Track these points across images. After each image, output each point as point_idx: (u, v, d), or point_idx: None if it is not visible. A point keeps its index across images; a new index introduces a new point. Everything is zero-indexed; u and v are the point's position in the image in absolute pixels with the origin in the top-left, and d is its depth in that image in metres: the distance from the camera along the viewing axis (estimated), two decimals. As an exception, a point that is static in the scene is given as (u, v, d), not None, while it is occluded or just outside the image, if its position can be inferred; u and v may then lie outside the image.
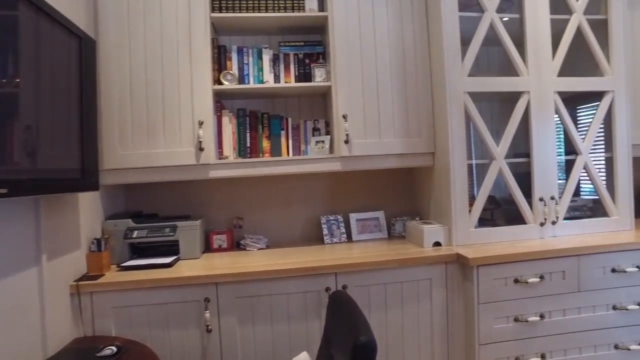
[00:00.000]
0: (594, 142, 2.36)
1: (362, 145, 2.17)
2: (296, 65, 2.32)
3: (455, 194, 2.06)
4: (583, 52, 2.34)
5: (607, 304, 2.02)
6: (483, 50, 2.61)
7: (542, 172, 2.17)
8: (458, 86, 2.08)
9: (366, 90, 2.19)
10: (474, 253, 1.90)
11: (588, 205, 2.40)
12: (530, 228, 2.16)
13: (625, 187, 2.29)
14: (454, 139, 2.07)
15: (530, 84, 2.16)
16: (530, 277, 1.92)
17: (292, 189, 2.50)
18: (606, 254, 2.01)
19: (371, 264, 1.88)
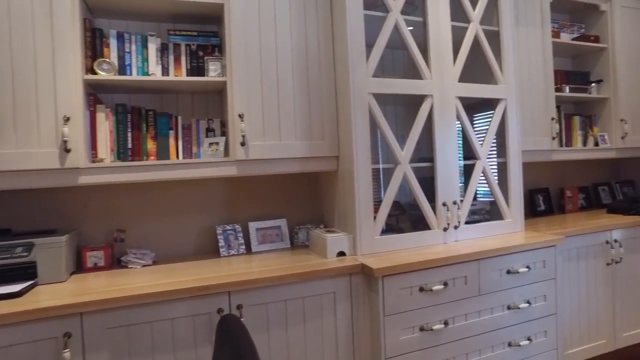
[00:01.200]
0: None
1: (260, 147, 1.98)
2: (188, 58, 2.06)
3: (360, 200, 1.96)
4: (480, 61, 2.40)
5: (502, 304, 2.06)
6: (389, 53, 2.58)
7: (445, 176, 2.16)
8: (362, 87, 1.99)
9: (266, 88, 2.01)
10: (378, 263, 1.81)
11: (486, 209, 2.46)
12: (434, 233, 2.14)
13: (516, 191, 2.39)
14: (358, 142, 1.96)
15: (434, 87, 2.14)
16: (435, 285, 1.88)
17: (183, 196, 2.22)
18: (503, 257, 2.06)
19: (269, 280, 1.68)
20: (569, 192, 3.14)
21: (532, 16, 2.71)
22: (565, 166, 3.33)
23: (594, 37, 3.06)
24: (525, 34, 2.68)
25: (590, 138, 3.06)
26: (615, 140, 3.03)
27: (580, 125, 3.07)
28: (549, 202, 3.10)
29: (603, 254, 2.57)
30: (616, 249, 2.60)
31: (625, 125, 3.04)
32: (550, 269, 2.21)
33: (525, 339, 2.12)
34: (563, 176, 3.31)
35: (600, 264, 2.56)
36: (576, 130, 3.04)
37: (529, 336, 2.13)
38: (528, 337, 2.13)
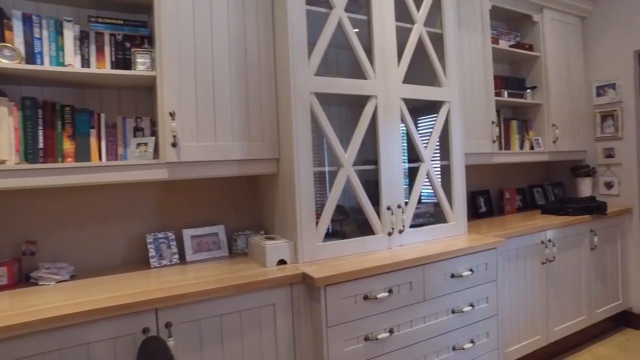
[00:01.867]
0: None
1: (193, 149, 1.82)
2: (113, 49, 1.85)
3: (301, 205, 1.86)
4: (424, 63, 2.38)
5: (447, 309, 2.04)
6: (333, 52, 2.50)
7: (389, 180, 2.11)
8: (304, 86, 1.88)
9: (200, 85, 1.85)
10: (321, 271, 1.71)
11: (430, 212, 2.45)
12: (378, 238, 2.08)
13: (459, 194, 2.40)
14: (299, 143, 1.86)
15: (378, 88, 2.09)
16: (380, 292, 1.82)
17: (108, 201, 2.00)
18: (447, 261, 2.04)
19: (202, 294, 1.53)
20: (508, 193, 3.24)
21: (473, 21, 2.75)
22: (504, 169, 3.43)
23: (528, 46, 3.18)
24: (467, 39, 2.71)
25: (526, 142, 3.17)
26: (548, 144, 3.16)
27: (518, 129, 3.17)
28: (489, 203, 3.17)
29: (538, 253, 2.64)
30: (550, 248, 2.69)
31: (556, 130, 3.18)
32: (492, 271, 2.23)
33: (469, 342, 2.12)
34: (502, 178, 3.41)
35: (536, 263, 2.63)
36: (514, 134, 3.13)
37: (472, 338, 2.13)
38: (471, 340, 2.13)
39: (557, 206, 2.98)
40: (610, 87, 3.32)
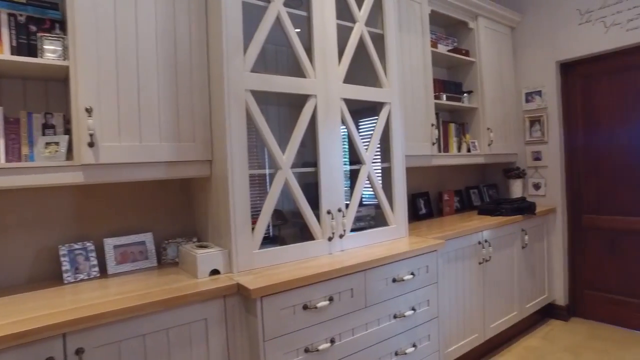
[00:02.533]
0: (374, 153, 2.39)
1: (114, 149, 1.63)
2: (14, 31, 1.61)
3: (235, 210, 1.73)
4: (365, 63, 2.34)
5: (389, 314, 2.00)
6: (272, 50, 2.39)
7: (329, 182, 2.03)
8: (239, 82, 1.76)
9: (123, 78, 1.66)
10: (257, 281, 1.59)
11: (371, 215, 2.41)
12: (318, 244, 2.00)
13: (400, 197, 2.38)
14: (232, 144, 1.73)
15: (318, 87, 2.01)
16: (320, 301, 1.73)
17: (10, 209, 1.74)
18: (389, 265, 2.00)
19: (121, 312, 1.36)
20: (446, 195, 3.30)
21: (413, 25, 2.76)
22: (443, 171, 3.50)
23: (465, 51, 3.26)
24: (408, 42, 2.71)
25: (463, 144, 3.25)
26: (483, 147, 3.26)
27: (456, 132, 3.24)
28: (429, 205, 3.21)
29: (476, 254, 2.70)
30: (486, 248, 2.76)
31: (490, 133, 3.29)
32: (433, 274, 2.22)
33: (411, 346, 2.10)
34: (441, 180, 3.48)
35: (474, 264, 2.69)
36: (452, 137, 3.19)
37: (414, 342, 2.11)
38: (413, 344, 2.11)
39: (492, 207, 3.08)
40: (537, 94, 3.50)
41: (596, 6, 3.19)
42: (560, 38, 3.38)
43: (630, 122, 3.15)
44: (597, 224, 3.35)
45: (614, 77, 3.22)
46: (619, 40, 3.09)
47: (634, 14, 3.02)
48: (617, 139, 3.22)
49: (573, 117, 3.44)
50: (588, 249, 3.41)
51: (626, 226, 3.19)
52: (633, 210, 3.17)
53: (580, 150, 3.42)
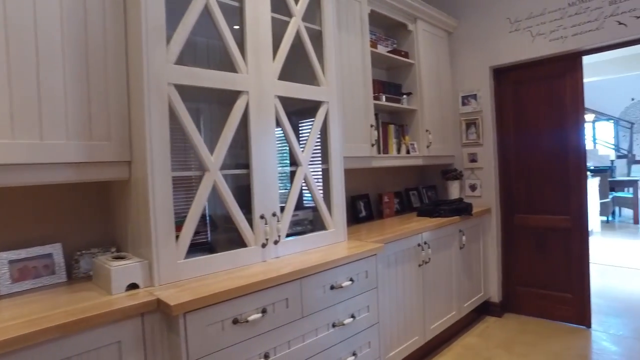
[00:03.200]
0: (313, 154, 2.29)
1: (6, 148, 1.39)
2: None
3: (156, 216, 1.55)
4: (302, 61, 2.24)
5: (327, 323, 1.91)
6: (204, 44, 2.22)
7: (263, 185, 1.91)
8: (161, 75, 1.58)
9: (16, 62, 1.42)
10: (180, 295, 1.43)
11: (309, 219, 2.31)
12: (251, 251, 1.86)
13: (338, 199, 2.30)
14: (153, 142, 1.55)
15: (250, 83, 1.87)
16: (252, 314, 1.60)
17: None
18: (326, 272, 1.90)
19: (8, 344, 1.14)
20: (387, 197, 3.28)
21: (353, 24, 2.71)
22: (383, 172, 3.49)
23: (404, 53, 3.27)
24: (347, 40, 2.65)
25: (403, 146, 3.25)
26: (422, 149, 3.28)
27: (395, 133, 3.23)
28: (369, 207, 3.17)
29: (415, 256, 2.69)
30: (426, 250, 2.76)
31: (429, 135, 3.32)
32: (372, 279, 2.16)
33: (351, 355, 2.02)
34: (381, 182, 3.46)
35: (413, 266, 2.67)
36: (392, 138, 3.18)
37: (354, 351, 2.04)
38: (353, 352, 2.03)
39: (431, 208, 3.10)
40: (473, 97, 3.60)
41: (524, 16, 3.33)
42: (493, 44, 3.49)
43: (553, 126, 3.31)
44: (527, 223, 3.49)
45: (540, 83, 3.37)
46: (543, 50, 3.24)
47: (555, 25, 3.18)
48: (543, 142, 3.38)
49: (505, 121, 3.57)
50: (520, 247, 3.55)
51: (551, 224, 3.35)
52: (557, 209, 3.33)
53: (512, 153, 3.55)
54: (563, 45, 3.15)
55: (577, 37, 3.09)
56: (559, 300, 3.36)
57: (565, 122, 3.26)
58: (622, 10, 2.92)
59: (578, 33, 3.09)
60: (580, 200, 3.23)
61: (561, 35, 3.16)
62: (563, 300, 3.35)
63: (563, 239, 3.32)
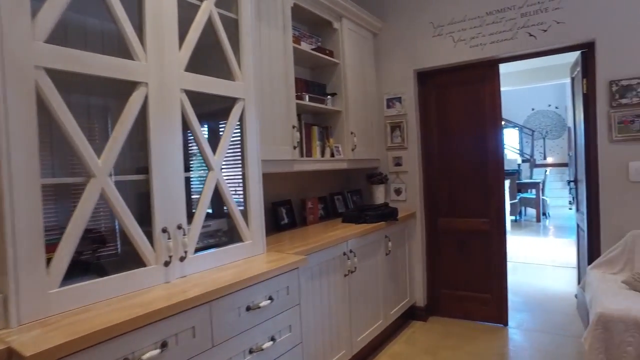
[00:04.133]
0: (233, 157, 2.05)
1: None
2: None
3: (15, 237, 1.21)
4: (217, 52, 1.98)
5: (244, 349, 1.67)
6: (97, 26, 1.87)
7: (165, 193, 1.62)
8: (24, 55, 1.25)
9: None
10: (46, 339, 1.11)
11: (224, 229, 2.05)
12: (151, 271, 1.57)
13: (256, 207, 2.07)
14: (11, 142, 1.21)
15: (150, 73, 1.58)
16: (148, 351, 1.31)
17: None
18: (241, 292, 1.66)
19: None
20: (310, 203, 3.11)
21: (274, 16, 2.50)
22: (306, 176, 3.32)
23: (329, 51, 3.13)
24: (268, 34, 2.44)
25: (327, 149, 3.10)
26: (347, 152, 3.16)
27: (319, 135, 3.07)
28: (292, 214, 2.98)
29: (341, 265, 2.54)
30: (352, 259, 2.63)
31: (354, 138, 3.21)
32: (294, 295, 1.96)
33: (270, 382, 1.80)
34: (304, 187, 3.28)
35: (339, 277, 2.52)
36: (315, 141, 3.02)
37: (274, 377, 1.82)
38: (272, 379, 1.81)
39: (356, 214, 2.98)
40: (397, 100, 3.56)
41: (446, 22, 3.36)
42: (417, 48, 3.49)
43: (474, 130, 3.38)
44: (450, 226, 3.52)
45: (462, 88, 3.42)
46: (463, 55, 3.29)
47: (475, 33, 3.24)
48: (464, 146, 3.43)
49: (429, 125, 3.58)
50: (444, 251, 3.57)
51: (472, 227, 3.41)
52: (477, 212, 3.40)
53: (436, 156, 3.57)
54: (482, 52, 3.22)
55: (495, 45, 3.17)
56: (480, 301, 3.43)
57: (485, 126, 3.34)
58: (532, 23, 3.04)
59: (495, 41, 3.17)
60: (499, 203, 3.32)
61: (480, 42, 3.22)
62: (483, 300, 3.42)
63: (483, 242, 3.39)
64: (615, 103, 2.75)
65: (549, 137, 12.25)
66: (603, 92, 2.80)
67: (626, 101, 2.73)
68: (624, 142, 2.75)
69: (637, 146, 2.71)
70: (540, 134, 12.30)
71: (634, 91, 2.71)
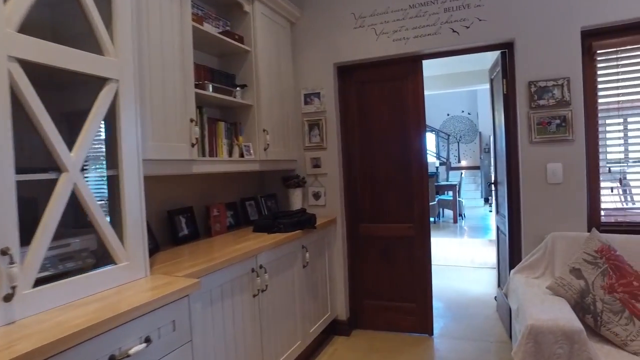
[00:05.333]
0: (98, 155, 1.58)
1: None
2: None
3: None
4: (76, 17, 1.51)
5: (107, 413, 1.23)
6: None
7: (-26, 205, 1.13)
8: None
9: None
10: None
11: (91, 249, 1.57)
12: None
13: (135, 219, 1.62)
14: None
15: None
16: None
17: None
18: (102, 337, 1.22)
19: None
20: (216, 210, 2.68)
21: (166, -13, 2.05)
22: (212, 180, 2.88)
23: (238, 37, 2.73)
24: (158, 5, 1.99)
25: (236, 148, 2.70)
26: (259, 152, 2.79)
27: (227, 133, 2.67)
28: (193, 224, 2.53)
29: (249, 284, 2.16)
30: (262, 276, 2.25)
31: (267, 136, 2.85)
32: (183, 330, 1.55)
33: None
34: (209, 191, 2.84)
35: (246, 298, 2.14)
36: (222, 138, 2.61)
37: None
38: None
39: (269, 223, 2.62)
40: (316, 96, 3.27)
41: (368, 13, 3.13)
42: (337, 40, 3.22)
43: (397, 130, 3.19)
44: (373, 233, 3.29)
45: (384, 85, 3.22)
46: (386, 49, 3.08)
47: (398, 26, 3.05)
48: (387, 146, 3.22)
49: (350, 123, 3.33)
50: (366, 259, 3.33)
51: (396, 232, 3.21)
52: (401, 216, 3.21)
53: (357, 157, 3.32)
54: (405, 46, 3.03)
55: (418, 39, 3.00)
56: (405, 311, 3.24)
57: (408, 127, 3.16)
58: (455, 19, 2.91)
59: (419, 36, 3.00)
60: (422, 207, 3.15)
61: (403, 36, 3.03)
62: (408, 310, 3.23)
63: (407, 248, 3.20)
64: (535, 104, 2.69)
65: (462, 142, 12.89)
66: (523, 93, 2.73)
67: (543, 102, 2.68)
68: (542, 144, 2.69)
69: (553, 148, 2.67)
70: (455, 138, 12.90)
71: (549, 92, 2.67)
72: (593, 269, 2.18)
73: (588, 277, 2.15)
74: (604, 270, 2.16)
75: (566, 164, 2.64)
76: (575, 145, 2.63)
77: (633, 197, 2.82)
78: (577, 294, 2.12)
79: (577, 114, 2.62)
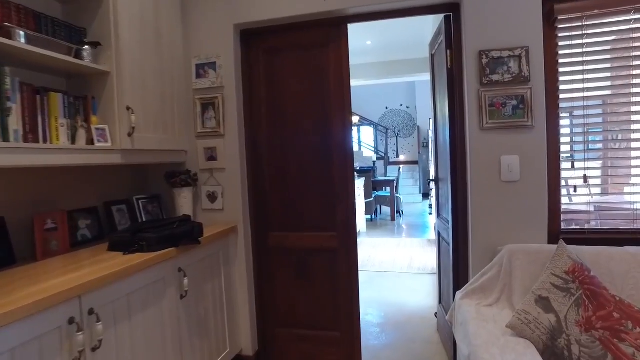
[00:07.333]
0: None
1: None
2: None
3: None
4: None
5: None
6: None
7: None
8: None
9: None
10: None
11: None
12: None
13: None
14: None
15: None
16: None
17: None
18: None
19: None
20: (50, 221, 1.84)
21: None
22: (50, 176, 2.01)
23: (89, -26, 1.90)
24: None
25: (81, 132, 1.88)
26: (120, 138, 1.97)
27: (66, 110, 1.84)
28: (7, 243, 1.68)
29: (63, 344, 1.36)
30: (92, 327, 1.46)
31: (132, 116, 2.03)
32: None
33: None
34: (50, 193, 1.98)
35: (63, 365, 1.34)
36: (57, 118, 1.78)
37: None
38: None
39: (126, 238, 1.82)
40: (212, 67, 2.49)
41: (280, -37, 2.40)
42: (239, -6, 2.46)
43: (315, 113, 2.50)
44: (285, 244, 2.59)
45: (300, 54, 2.51)
46: (300, 7, 2.37)
47: (320, -17, 2.35)
48: (303, 134, 2.53)
49: (256, 104, 2.59)
50: (278, 276, 2.63)
51: (315, 243, 2.54)
52: (321, 223, 2.53)
53: (265, 149, 2.60)
54: (325, 4, 2.34)
55: (341, -5, 2.32)
56: (326, 341, 2.57)
57: (330, 108, 2.48)
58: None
59: (341, -9, 2.32)
60: (347, 211, 2.49)
61: (322, -10, 2.34)
62: (331, 340, 2.57)
63: (329, 262, 2.53)
64: (487, 80, 2.12)
65: (401, 136, 12.61)
66: (472, 65, 2.15)
67: (497, 77, 2.11)
68: (495, 131, 2.13)
69: (509, 136, 2.12)
70: (393, 132, 12.59)
71: (505, 66, 2.11)
72: (565, 297, 1.62)
73: (559, 310, 1.59)
74: (578, 298, 1.61)
75: (524, 156, 2.09)
76: (535, 133, 2.08)
77: (593, 196, 2.35)
78: (546, 334, 1.55)
79: (537, 93, 2.08)
